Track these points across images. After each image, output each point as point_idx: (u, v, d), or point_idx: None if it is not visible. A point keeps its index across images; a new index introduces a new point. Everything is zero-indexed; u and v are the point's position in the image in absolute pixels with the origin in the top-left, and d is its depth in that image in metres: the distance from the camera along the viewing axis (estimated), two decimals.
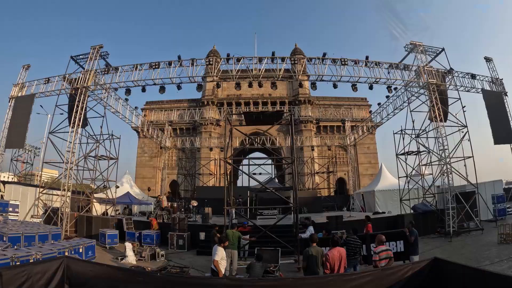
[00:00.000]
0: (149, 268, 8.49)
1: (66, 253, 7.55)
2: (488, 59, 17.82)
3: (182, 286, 4.11)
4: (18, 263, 5.80)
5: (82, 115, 14.78)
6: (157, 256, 10.69)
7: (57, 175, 21.15)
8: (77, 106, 14.54)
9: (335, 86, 15.71)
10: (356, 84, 15.66)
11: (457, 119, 15.58)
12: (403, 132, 17.37)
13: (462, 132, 15.22)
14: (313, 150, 33.72)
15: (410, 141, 16.94)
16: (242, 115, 14.26)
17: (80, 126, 14.79)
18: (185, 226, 12.97)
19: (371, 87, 16.43)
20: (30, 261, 6.10)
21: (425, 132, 16.06)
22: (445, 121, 15.30)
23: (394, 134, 18.18)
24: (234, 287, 4.06)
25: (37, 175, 35.04)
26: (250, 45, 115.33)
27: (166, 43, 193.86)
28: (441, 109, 14.87)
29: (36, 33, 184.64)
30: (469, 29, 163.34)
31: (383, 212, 18.98)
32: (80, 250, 8.68)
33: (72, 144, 14.28)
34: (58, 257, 5.00)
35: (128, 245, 10.67)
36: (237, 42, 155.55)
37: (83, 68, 15.54)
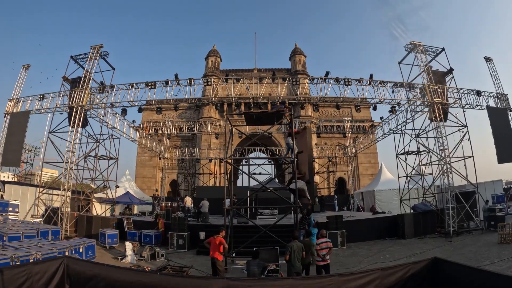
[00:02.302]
0: (149, 268, 8.51)
1: (66, 253, 7.55)
2: (488, 59, 17.80)
3: (183, 285, 4.10)
4: (18, 263, 5.79)
5: (82, 115, 14.79)
6: (157, 256, 10.69)
7: (57, 175, 21.17)
8: (74, 122, 14.47)
9: (338, 108, 15.68)
10: (359, 105, 15.55)
11: (457, 118, 15.59)
12: (403, 132, 17.38)
13: (462, 132, 15.23)
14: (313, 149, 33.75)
15: (410, 141, 16.96)
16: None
17: (80, 126, 14.81)
18: (185, 226, 12.97)
19: (375, 108, 16.51)
20: (30, 261, 6.08)
21: (425, 132, 16.07)
22: (445, 121, 15.31)
23: (394, 134, 18.21)
24: (234, 287, 4.05)
25: (37, 175, 35.08)
26: (250, 44, 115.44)
27: (166, 42, 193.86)
28: (441, 109, 14.86)
29: (36, 31, 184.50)
30: (469, 28, 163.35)
31: (383, 212, 18.99)
32: (80, 250, 8.67)
33: (72, 144, 14.30)
34: (58, 257, 4.99)
35: (128, 245, 10.66)
36: (237, 41, 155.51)
37: (83, 68, 15.53)
